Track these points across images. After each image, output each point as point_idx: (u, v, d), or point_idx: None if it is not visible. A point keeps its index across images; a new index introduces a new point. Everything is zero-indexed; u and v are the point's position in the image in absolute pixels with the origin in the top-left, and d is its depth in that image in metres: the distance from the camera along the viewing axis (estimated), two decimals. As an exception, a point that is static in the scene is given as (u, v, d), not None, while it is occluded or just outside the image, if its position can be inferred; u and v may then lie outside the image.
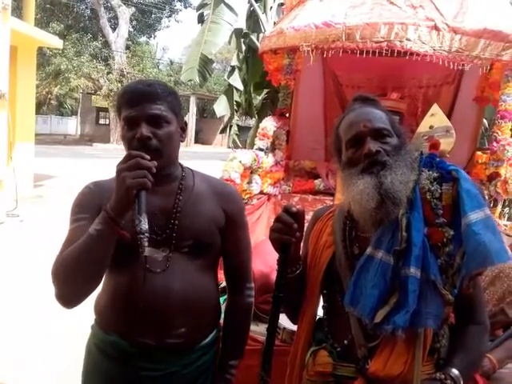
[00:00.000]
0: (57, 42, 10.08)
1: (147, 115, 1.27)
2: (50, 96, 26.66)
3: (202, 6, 8.42)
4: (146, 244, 1.12)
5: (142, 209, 1.13)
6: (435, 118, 1.39)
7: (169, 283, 1.31)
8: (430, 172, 1.24)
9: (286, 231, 1.21)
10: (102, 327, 1.39)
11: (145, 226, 1.11)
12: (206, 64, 7.90)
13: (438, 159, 1.28)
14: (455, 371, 1.17)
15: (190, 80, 8.42)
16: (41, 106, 26.72)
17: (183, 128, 1.40)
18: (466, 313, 1.27)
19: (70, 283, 1.21)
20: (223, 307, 1.55)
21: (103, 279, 1.38)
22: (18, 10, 13.29)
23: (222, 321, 1.53)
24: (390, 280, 1.17)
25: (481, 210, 1.17)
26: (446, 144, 1.34)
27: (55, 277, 1.22)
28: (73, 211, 1.35)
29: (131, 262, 1.29)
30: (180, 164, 1.44)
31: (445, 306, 1.17)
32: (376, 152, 1.21)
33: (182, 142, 1.40)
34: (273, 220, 1.29)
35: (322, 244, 1.38)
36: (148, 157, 1.16)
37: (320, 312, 1.41)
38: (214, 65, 8.76)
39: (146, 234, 1.11)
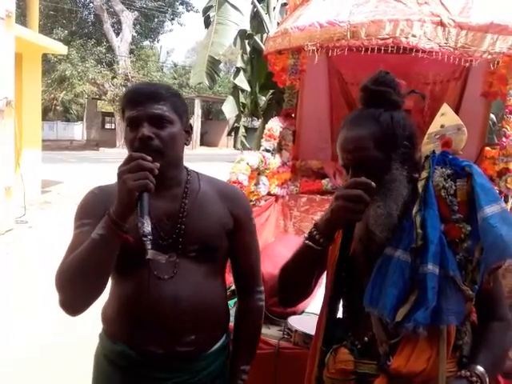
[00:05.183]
0: (61, 48, 10.14)
1: (149, 115, 1.24)
2: (55, 102, 26.81)
3: (207, 9, 8.43)
4: (149, 247, 1.10)
5: (144, 211, 1.11)
6: (446, 117, 1.38)
7: (177, 290, 1.28)
8: (444, 169, 1.24)
9: (353, 208, 1.13)
10: (110, 337, 1.36)
11: (148, 228, 1.09)
12: (213, 66, 7.92)
13: (450, 156, 1.27)
14: (480, 368, 1.16)
15: (200, 83, 8.42)
16: (47, 112, 26.88)
17: (188, 131, 1.37)
18: (488, 309, 1.26)
19: (73, 289, 1.19)
20: (232, 311, 1.54)
21: (110, 287, 1.36)
22: (21, 18, 13.38)
23: (231, 324, 1.51)
24: (408, 278, 1.17)
25: (496, 204, 1.17)
26: (458, 141, 1.33)
27: (58, 283, 1.20)
28: (77, 217, 1.32)
29: (137, 268, 1.27)
30: (185, 167, 1.42)
31: (466, 302, 1.17)
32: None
33: (186, 145, 1.37)
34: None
35: (340, 243, 1.36)
36: (150, 158, 1.13)
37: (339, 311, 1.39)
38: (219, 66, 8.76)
39: (150, 237, 1.09)
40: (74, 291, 1.19)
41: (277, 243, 3.18)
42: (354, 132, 1.24)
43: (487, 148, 3.60)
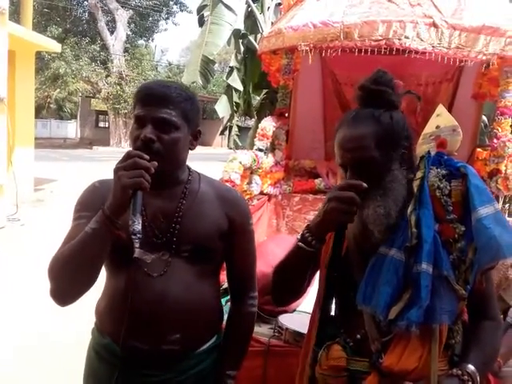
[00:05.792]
0: (55, 46, 10.06)
1: (154, 117, 1.25)
2: (49, 100, 26.73)
3: (201, 8, 8.40)
4: (137, 245, 1.10)
5: (136, 209, 1.11)
6: (441, 118, 1.39)
7: (165, 288, 1.28)
8: (439, 169, 1.25)
9: (346, 209, 1.15)
10: (100, 330, 1.38)
11: (138, 227, 1.10)
12: (207, 65, 7.89)
13: (445, 157, 1.28)
14: (471, 367, 1.17)
15: (193, 82, 8.39)
16: (40, 110, 26.73)
17: (196, 136, 1.37)
18: (479, 308, 1.27)
19: (63, 280, 1.21)
20: (225, 309, 1.54)
21: (105, 282, 1.37)
22: (15, 15, 13.30)
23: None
24: (402, 277, 1.18)
25: (490, 205, 1.18)
26: (453, 142, 1.34)
27: (50, 272, 1.22)
28: (75, 209, 1.34)
29: (129, 264, 1.27)
30: (188, 167, 1.42)
31: (458, 301, 1.18)
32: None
33: (191, 149, 1.36)
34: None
35: (332, 244, 1.36)
36: (147, 157, 1.14)
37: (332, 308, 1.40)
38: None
39: (139, 235, 1.10)
40: (64, 282, 1.21)
41: (269, 242, 3.18)
42: (355, 131, 1.23)
43: (479, 149, 3.62)
